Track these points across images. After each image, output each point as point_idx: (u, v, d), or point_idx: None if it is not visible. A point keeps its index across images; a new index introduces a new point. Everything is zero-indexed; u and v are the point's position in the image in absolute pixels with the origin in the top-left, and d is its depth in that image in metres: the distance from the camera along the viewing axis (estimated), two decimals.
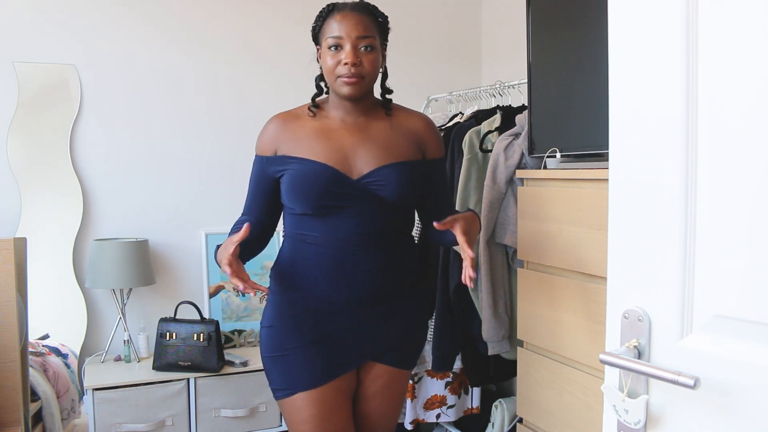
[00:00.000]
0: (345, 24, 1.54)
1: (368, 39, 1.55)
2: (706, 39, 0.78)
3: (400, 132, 1.64)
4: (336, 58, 1.54)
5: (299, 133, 1.61)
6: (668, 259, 0.82)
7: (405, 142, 1.63)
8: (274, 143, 1.62)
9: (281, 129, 1.62)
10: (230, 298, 3.02)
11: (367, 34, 1.55)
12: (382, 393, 1.71)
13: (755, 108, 0.74)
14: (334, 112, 1.64)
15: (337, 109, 1.63)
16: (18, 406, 2.03)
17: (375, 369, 1.70)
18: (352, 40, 1.53)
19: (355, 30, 1.53)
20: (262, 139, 1.65)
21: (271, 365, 1.66)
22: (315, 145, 1.58)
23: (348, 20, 1.54)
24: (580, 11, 1.83)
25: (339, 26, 1.54)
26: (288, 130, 1.62)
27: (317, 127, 1.62)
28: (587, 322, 1.69)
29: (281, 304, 1.66)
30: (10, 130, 2.72)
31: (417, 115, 1.71)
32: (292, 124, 1.62)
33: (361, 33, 1.54)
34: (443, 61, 3.39)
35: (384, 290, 1.64)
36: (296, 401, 1.61)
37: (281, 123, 1.63)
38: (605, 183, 1.17)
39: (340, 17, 1.55)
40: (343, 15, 1.55)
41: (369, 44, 1.55)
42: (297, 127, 1.62)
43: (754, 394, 0.75)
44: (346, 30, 1.53)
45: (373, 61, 1.56)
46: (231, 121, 3.01)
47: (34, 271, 2.51)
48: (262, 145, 1.64)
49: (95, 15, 2.81)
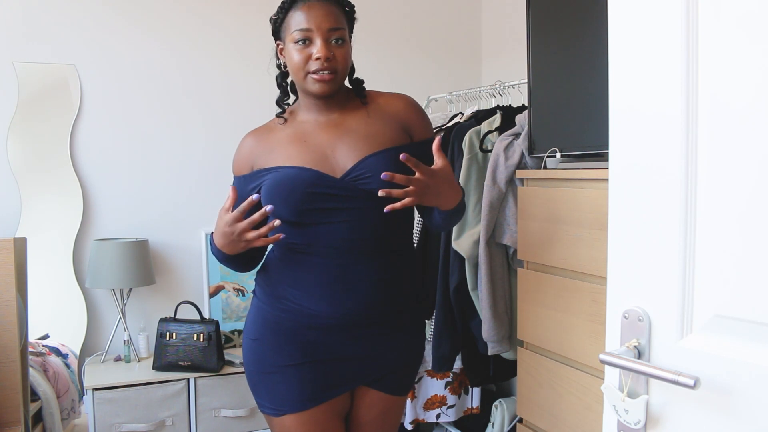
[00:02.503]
0: (313, 15, 1.41)
1: (339, 31, 1.44)
2: (706, 38, 0.78)
3: (380, 118, 1.51)
4: (304, 53, 1.42)
5: (273, 143, 1.51)
6: (668, 259, 0.82)
7: (387, 127, 1.50)
8: (249, 159, 1.53)
9: (255, 144, 1.53)
10: (230, 298, 3.02)
11: (338, 26, 1.43)
12: (376, 421, 1.61)
13: (755, 108, 0.74)
14: (305, 115, 1.53)
15: (308, 111, 1.53)
16: (18, 406, 2.03)
17: (370, 396, 1.58)
18: (323, 33, 1.41)
19: (325, 22, 1.41)
20: (237, 157, 1.56)
21: (257, 382, 1.55)
22: (290, 151, 1.48)
23: (316, 11, 1.42)
24: (580, 11, 1.83)
25: (307, 18, 1.41)
26: (262, 144, 1.52)
27: (290, 133, 1.51)
28: (587, 322, 1.69)
29: (267, 316, 1.53)
30: (10, 130, 2.72)
31: (395, 96, 1.57)
32: (266, 138, 1.53)
33: (332, 25, 1.42)
34: (443, 61, 3.39)
35: (382, 306, 1.51)
36: (285, 422, 1.51)
37: (255, 138, 1.55)
38: (605, 183, 1.17)
39: (306, 8, 1.42)
40: (309, 5, 1.42)
41: (340, 36, 1.44)
42: (270, 138, 1.52)
43: (754, 394, 0.75)
44: (315, 22, 1.41)
45: (346, 54, 1.45)
46: (231, 120, 3.01)
47: (34, 271, 2.51)
48: (238, 163, 1.55)
49: (95, 15, 2.81)
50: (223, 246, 1.44)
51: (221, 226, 1.41)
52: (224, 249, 1.45)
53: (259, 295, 1.58)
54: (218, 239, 1.44)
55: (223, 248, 1.45)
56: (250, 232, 1.38)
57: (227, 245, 1.43)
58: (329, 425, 1.53)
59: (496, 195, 2.11)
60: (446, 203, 1.45)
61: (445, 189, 1.41)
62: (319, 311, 1.48)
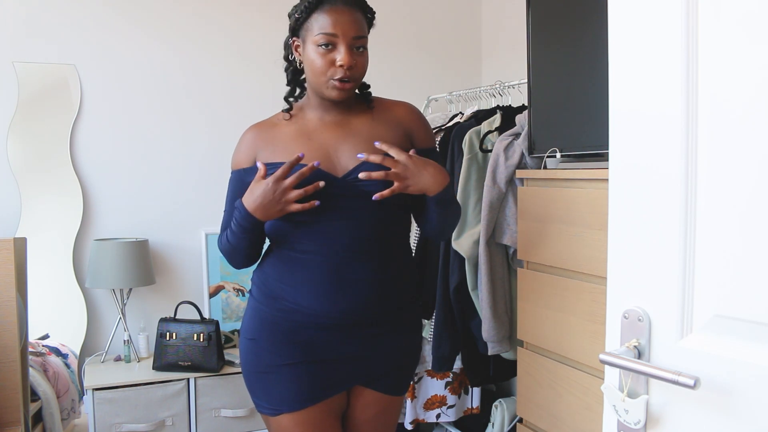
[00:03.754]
0: (340, 21, 1.40)
1: (362, 39, 1.44)
2: (706, 38, 0.78)
3: (383, 123, 1.53)
4: (327, 57, 1.41)
5: (276, 139, 1.51)
6: (668, 259, 0.82)
7: (390, 132, 1.52)
8: (251, 152, 1.52)
9: (258, 137, 1.53)
10: (230, 298, 3.02)
11: (362, 34, 1.44)
12: (373, 420, 1.61)
13: (756, 108, 0.74)
14: (311, 113, 1.53)
15: (315, 109, 1.53)
16: (18, 406, 2.03)
17: (366, 395, 1.59)
18: (348, 40, 1.41)
19: (352, 29, 1.41)
20: (238, 150, 1.55)
21: (253, 381, 1.55)
22: (294, 147, 1.48)
23: (343, 17, 1.40)
24: (580, 11, 1.83)
25: (333, 23, 1.40)
26: (265, 138, 1.52)
27: (295, 130, 1.52)
28: (587, 322, 1.69)
29: (264, 315, 1.53)
30: (10, 130, 2.72)
31: (400, 103, 1.59)
32: (269, 132, 1.53)
33: (358, 33, 1.42)
34: (443, 61, 3.39)
35: (378, 306, 1.51)
36: (282, 421, 1.51)
37: (257, 131, 1.54)
38: (605, 183, 1.17)
39: (333, 12, 1.40)
40: (336, 10, 1.41)
41: (363, 45, 1.44)
42: (274, 133, 1.52)
43: (754, 394, 0.75)
44: (342, 28, 1.40)
45: (365, 62, 1.46)
46: (231, 120, 3.01)
47: (34, 271, 2.51)
48: (239, 156, 1.54)
49: (95, 15, 2.81)
50: (257, 209, 1.42)
51: (259, 187, 1.41)
52: (257, 212, 1.43)
53: (255, 295, 1.58)
54: (254, 201, 1.42)
55: (256, 211, 1.43)
56: (293, 192, 1.39)
57: (262, 206, 1.42)
58: (326, 424, 1.53)
59: (496, 195, 2.11)
60: (433, 185, 1.45)
61: (428, 169, 1.43)
62: (316, 311, 1.48)
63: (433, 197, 1.46)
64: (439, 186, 1.45)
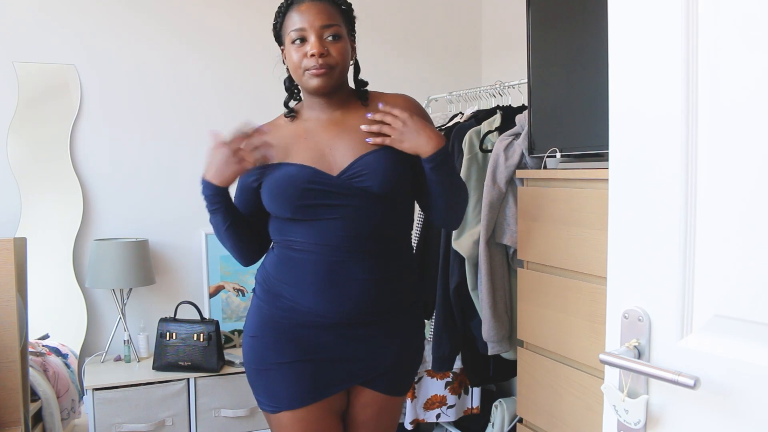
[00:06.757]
0: (307, 14, 1.45)
1: (333, 27, 1.46)
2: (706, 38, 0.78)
3: (380, 117, 1.52)
4: (301, 51, 1.46)
5: (275, 140, 1.52)
6: (668, 259, 0.82)
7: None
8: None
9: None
10: (230, 298, 3.02)
11: (332, 23, 1.46)
12: (372, 420, 1.61)
13: (756, 108, 0.74)
14: (308, 113, 1.57)
15: (311, 109, 1.56)
16: (18, 406, 2.03)
17: (365, 395, 1.59)
18: (316, 30, 1.45)
19: (318, 19, 1.45)
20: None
21: (254, 378, 1.57)
22: (290, 147, 1.51)
23: (309, 10, 1.46)
24: (580, 11, 1.83)
25: (300, 18, 1.46)
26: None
27: (293, 130, 1.55)
28: (587, 322, 1.69)
29: (266, 313, 1.55)
30: (10, 130, 2.72)
31: (399, 96, 1.59)
32: (269, 134, 1.53)
33: (325, 22, 1.45)
34: (443, 61, 3.39)
35: (379, 305, 1.52)
36: (282, 418, 1.52)
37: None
38: (605, 183, 1.17)
39: (300, 9, 1.46)
40: (302, 7, 1.47)
41: (335, 33, 1.46)
42: (274, 134, 1.54)
43: (754, 394, 0.75)
44: (308, 20, 1.45)
45: (341, 50, 1.47)
46: (231, 120, 3.01)
47: (34, 271, 2.51)
48: None
49: (95, 15, 2.81)
50: (214, 175, 1.51)
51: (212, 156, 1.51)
52: (215, 179, 1.51)
53: (258, 293, 1.60)
54: (209, 170, 1.52)
55: (214, 178, 1.51)
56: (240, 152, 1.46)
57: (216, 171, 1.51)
58: (325, 423, 1.54)
59: (496, 195, 2.11)
60: (427, 144, 1.47)
61: (425, 131, 1.47)
62: (314, 309, 1.50)
63: (428, 160, 1.48)
64: (434, 147, 1.47)
